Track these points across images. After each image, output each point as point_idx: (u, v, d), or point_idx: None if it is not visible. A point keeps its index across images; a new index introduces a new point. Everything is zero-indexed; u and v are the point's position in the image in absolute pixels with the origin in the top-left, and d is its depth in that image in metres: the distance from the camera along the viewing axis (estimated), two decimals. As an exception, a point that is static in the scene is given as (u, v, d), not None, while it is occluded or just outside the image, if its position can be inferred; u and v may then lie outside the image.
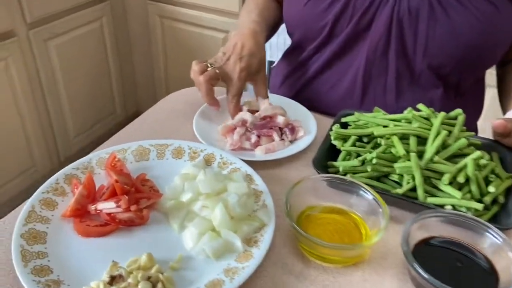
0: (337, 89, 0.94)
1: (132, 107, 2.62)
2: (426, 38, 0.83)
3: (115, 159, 0.72)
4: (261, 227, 0.63)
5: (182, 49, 2.25)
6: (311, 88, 0.98)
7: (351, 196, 0.65)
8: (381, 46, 0.86)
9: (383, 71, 0.88)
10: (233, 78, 0.84)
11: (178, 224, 0.63)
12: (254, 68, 0.86)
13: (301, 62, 1.00)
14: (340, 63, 0.92)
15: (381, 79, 0.89)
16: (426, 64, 0.85)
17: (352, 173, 0.71)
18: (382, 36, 0.85)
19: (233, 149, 0.80)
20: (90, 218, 0.64)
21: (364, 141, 0.76)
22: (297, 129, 0.84)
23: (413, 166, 0.66)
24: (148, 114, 0.91)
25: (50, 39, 1.97)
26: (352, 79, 0.91)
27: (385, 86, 0.90)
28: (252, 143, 0.81)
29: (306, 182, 0.65)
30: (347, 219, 0.65)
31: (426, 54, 0.84)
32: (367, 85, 0.90)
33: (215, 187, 0.67)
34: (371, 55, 0.87)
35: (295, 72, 1.01)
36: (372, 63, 0.88)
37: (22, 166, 2.03)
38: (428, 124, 0.71)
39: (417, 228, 0.59)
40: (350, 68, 0.91)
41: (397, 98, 0.90)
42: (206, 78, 0.81)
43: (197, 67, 0.83)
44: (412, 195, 0.68)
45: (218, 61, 0.85)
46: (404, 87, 0.89)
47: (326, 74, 0.95)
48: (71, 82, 2.14)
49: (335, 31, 0.89)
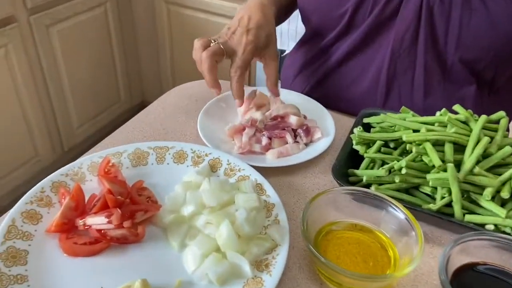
0: (357, 86, 0.85)
1: (137, 96, 2.54)
2: (459, 28, 0.73)
3: (109, 164, 0.64)
4: (273, 247, 0.55)
5: (189, 36, 2.16)
6: (328, 84, 0.89)
7: (378, 212, 0.56)
8: (409, 38, 0.76)
9: (410, 66, 0.79)
10: (238, 51, 0.75)
11: (178, 243, 0.55)
12: (262, 41, 0.76)
13: (316, 54, 0.90)
14: (361, 57, 0.83)
15: (408, 74, 0.80)
16: (458, 58, 0.76)
17: (378, 184, 0.62)
18: (410, 26, 0.75)
19: (242, 153, 0.72)
20: (78, 233, 0.56)
21: (390, 146, 0.67)
22: (313, 130, 0.75)
23: (449, 178, 0.57)
24: (149, 111, 0.82)
25: (52, 25, 1.89)
26: (375, 75, 0.82)
27: (412, 82, 0.80)
28: (262, 146, 0.72)
29: (326, 195, 0.56)
30: (373, 238, 0.56)
31: (459, 46, 0.75)
32: (392, 81, 0.81)
33: (220, 199, 0.58)
34: (397, 48, 0.78)
35: (310, 65, 0.92)
36: (398, 57, 0.78)
37: (25, 156, 1.97)
38: (466, 129, 0.62)
39: (457, 252, 0.51)
40: (372, 62, 0.82)
41: (425, 95, 0.80)
42: (209, 53, 0.72)
43: (199, 43, 0.74)
44: (447, 211, 0.59)
45: (222, 35, 0.77)
46: (433, 84, 0.80)
47: (345, 69, 0.86)
48: (74, 69, 2.06)
49: (356, 19, 0.80)
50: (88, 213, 0.57)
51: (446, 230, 0.60)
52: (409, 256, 0.52)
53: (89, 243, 0.55)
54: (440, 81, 0.79)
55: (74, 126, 2.18)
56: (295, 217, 0.62)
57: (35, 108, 1.93)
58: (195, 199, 0.60)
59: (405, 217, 0.53)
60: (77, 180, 0.62)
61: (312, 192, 0.66)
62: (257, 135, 0.73)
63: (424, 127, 0.62)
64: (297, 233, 0.60)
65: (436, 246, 0.59)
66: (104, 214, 0.55)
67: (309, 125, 0.75)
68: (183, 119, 0.80)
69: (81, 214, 0.57)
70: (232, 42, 0.76)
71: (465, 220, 0.57)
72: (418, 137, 0.61)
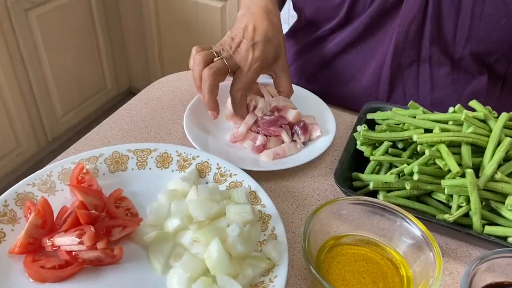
0: (357, 81, 0.77)
1: (124, 82, 2.45)
2: (471, 18, 0.65)
3: (83, 171, 0.57)
4: (270, 268, 0.48)
5: (176, 18, 2.06)
6: (324, 78, 0.81)
7: (389, 226, 0.50)
8: (414, 29, 0.68)
9: (415, 59, 0.71)
10: (243, 69, 0.65)
11: (162, 264, 0.49)
12: (270, 57, 0.67)
13: (311, 44, 0.82)
14: (361, 49, 0.75)
15: (413, 68, 0.72)
16: (468, 51, 0.68)
17: (386, 191, 0.55)
18: (416, 16, 0.67)
19: (233, 142, 0.65)
20: (47, 254, 0.49)
21: (398, 146, 0.60)
22: (311, 127, 0.68)
23: (468, 186, 0.50)
24: (130, 107, 0.74)
25: (30, 9, 1.78)
26: (377, 69, 0.74)
27: (417, 76, 0.73)
28: (255, 146, 0.65)
29: (330, 206, 0.50)
30: (382, 255, 0.50)
31: (470, 38, 0.67)
32: (396, 76, 0.74)
33: (209, 211, 0.52)
34: (401, 40, 0.70)
35: (303, 56, 0.84)
36: (402, 50, 0.71)
37: (5, 147, 1.88)
38: (485, 129, 0.55)
39: (483, 271, 0.45)
40: (374, 55, 0.74)
41: (432, 90, 0.73)
42: (212, 71, 0.61)
43: (200, 57, 0.63)
44: (464, 221, 0.52)
45: (226, 48, 0.65)
46: (441, 77, 0.72)
47: (343, 62, 0.78)
48: (56, 56, 1.95)
49: (356, 9, 0.72)
50: (58, 230, 0.50)
51: (462, 242, 0.54)
52: (424, 277, 0.45)
53: (59, 267, 0.48)
54: (449, 73, 0.72)
55: (58, 115, 2.08)
56: (294, 228, 0.56)
57: (16, 97, 1.83)
58: (181, 210, 0.53)
59: (421, 233, 0.47)
60: (45, 190, 0.55)
61: (312, 198, 0.60)
62: (253, 129, 0.66)
63: (437, 126, 0.56)
64: (296, 248, 0.53)
65: (452, 260, 0.52)
66: (75, 233, 0.48)
67: (306, 122, 0.68)
68: (168, 116, 0.72)
69: (49, 232, 0.50)
70: (237, 58, 0.65)
71: (485, 233, 0.51)
72: (432, 138, 0.54)
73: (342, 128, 0.71)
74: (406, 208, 0.53)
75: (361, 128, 0.61)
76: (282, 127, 0.66)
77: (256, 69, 0.65)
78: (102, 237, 0.48)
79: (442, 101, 0.73)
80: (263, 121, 0.67)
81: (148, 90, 0.78)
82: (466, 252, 0.53)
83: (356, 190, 0.58)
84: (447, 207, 0.55)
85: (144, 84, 0.78)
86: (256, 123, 0.67)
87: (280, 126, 0.66)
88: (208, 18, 1.95)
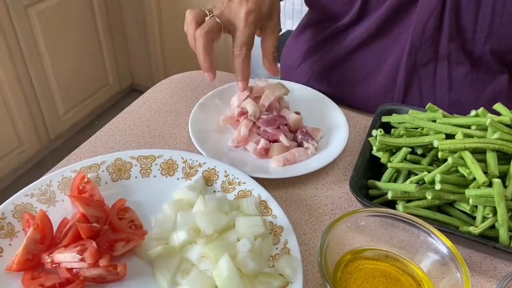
0: (371, 80, 0.74)
1: (126, 78, 2.42)
2: (492, 14, 0.62)
3: (84, 180, 0.54)
4: (284, 286, 0.45)
5: (178, 13, 2.02)
6: (336, 77, 0.77)
7: (411, 239, 0.46)
8: (431, 25, 0.65)
9: (433, 57, 0.68)
10: (238, 25, 0.62)
11: (168, 281, 0.46)
12: (264, 10, 0.63)
13: (323, 41, 0.78)
14: (378, 46, 0.71)
15: (430, 67, 0.69)
16: (489, 49, 0.65)
17: (405, 200, 0.52)
18: (433, 12, 0.64)
19: (236, 146, 0.63)
20: (46, 272, 0.46)
21: (417, 152, 0.57)
22: (313, 131, 0.65)
23: (495, 196, 0.47)
24: (133, 109, 0.71)
25: (30, 5, 1.75)
26: (393, 68, 0.71)
27: (434, 76, 0.69)
28: (257, 150, 0.62)
29: (348, 218, 0.47)
30: (403, 271, 0.47)
31: (490, 35, 0.63)
32: (412, 75, 0.70)
33: (218, 224, 0.49)
34: (418, 37, 0.66)
35: (315, 53, 0.80)
36: (419, 47, 0.67)
37: (7, 146, 1.86)
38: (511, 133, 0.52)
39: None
40: (390, 53, 0.71)
41: (450, 90, 0.70)
42: (204, 31, 0.60)
43: (191, 15, 0.62)
44: (489, 233, 0.49)
45: (218, 5, 0.64)
46: (459, 77, 0.69)
47: (357, 60, 0.74)
48: (57, 53, 1.93)
49: (371, 3, 0.68)
50: (58, 245, 0.47)
51: (487, 255, 0.51)
52: (450, 296, 0.42)
53: (59, 285, 0.45)
54: (468, 73, 0.69)
55: (59, 113, 2.06)
56: (307, 240, 0.53)
57: (17, 96, 1.80)
58: (187, 223, 0.50)
59: (447, 250, 0.43)
60: (45, 201, 0.52)
61: (326, 207, 0.57)
62: (254, 131, 0.63)
63: (460, 132, 0.52)
64: (310, 262, 0.50)
65: (476, 274, 0.49)
66: (75, 249, 0.45)
67: (307, 127, 0.65)
68: (172, 119, 0.69)
69: (49, 247, 0.47)
70: (231, 13, 0.63)
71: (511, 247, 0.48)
72: (455, 144, 0.51)
73: (355, 132, 0.68)
74: (428, 219, 0.50)
75: (377, 132, 0.58)
76: (280, 128, 0.63)
77: (253, 22, 0.62)
78: (104, 252, 0.45)
79: (461, 102, 0.69)
80: (261, 120, 0.63)
81: (151, 91, 0.75)
82: (491, 266, 0.50)
83: (372, 199, 0.55)
84: (471, 218, 0.51)
85: (146, 80, 0.75)
86: (255, 125, 0.64)
87: (278, 127, 0.63)
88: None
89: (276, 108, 0.67)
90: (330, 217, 0.55)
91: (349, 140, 0.65)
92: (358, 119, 0.71)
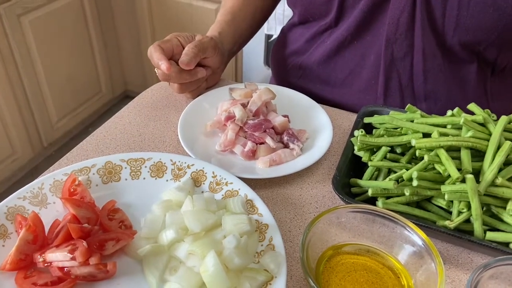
0: (358, 74, 0.77)
1: (119, 86, 2.43)
2: (458, 8, 0.65)
3: (75, 183, 0.55)
4: (268, 280, 0.47)
5: (171, 21, 2.05)
6: (324, 75, 0.80)
7: (390, 234, 0.49)
8: (404, 21, 0.68)
9: (409, 51, 0.71)
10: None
11: (157, 278, 0.47)
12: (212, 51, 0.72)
13: (308, 42, 0.81)
14: (359, 44, 0.74)
15: (406, 60, 0.72)
16: (457, 40, 0.68)
17: (385, 197, 0.54)
18: (405, 8, 0.67)
19: (223, 150, 0.64)
20: (39, 271, 0.48)
21: (396, 151, 0.59)
22: (299, 133, 0.67)
23: (469, 192, 0.49)
24: (123, 114, 0.73)
25: (23, 14, 1.77)
26: (376, 61, 0.74)
27: (411, 68, 0.72)
28: (244, 152, 0.64)
29: (328, 215, 0.49)
30: (383, 264, 0.49)
31: (457, 27, 0.67)
32: (391, 68, 0.73)
33: (205, 222, 0.50)
34: (392, 32, 0.70)
35: (302, 54, 0.83)
36: (394, 42, 0.71)
37: (0, 154, 1.86)
38: (485, 132, 0.54)
39: (487, 277, 0.44)
40: (372, 48, 0.74)
41: (425, 82, 0.73)
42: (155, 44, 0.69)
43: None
44: (465, 227, 0.51)
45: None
46: (434, 68, 0.72)
47: (343, 58, 0.77)
48: (50, 61, 1.94)
49: (346, 4, 0.72)
50: (50, 245, 0.49)
51: (464, 248, 0.53)
52: (426, 287, 0.44)
53: (51, 283, 0.46)
54: (440, 64, 0.72)
55: (53, 120, 2.07)
56: (292, 237, 0.54)
57: (10, 103, 1.81)
58: (176, 222, 0.51)
59: (422, 242, 0.46)
60: (37, 203, 0.54)
61: (310, 205, 0.59)
62: (241, 135, 0.65)
63: (436, 130, 0.54)
64: (295, 258, 0.52)
65: (454, 267, 0.51)
66: (66, 248, 0.46)
67: (293, 129, 0.67)
68: (162, 123, 0.71)
69: (41, 247, 0.49)
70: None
71: (486, 239, 0.50)
72: (431, 142, 0.53)
73: (340, 133, 0.70)
74: (406, 215, 0.52)
75: (358, 133, 0.60)
76: (266, 132, 0.65)
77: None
78: (95, 251, 0.47)
79: (435, 92, 0.73)
80: (247, 125, 0.65)
81: (142, 97, 0.77)
82: (468, 259, 0.52)
83: (355, 197, 0.57)
84: (448, 213, 0.54)
85: (140, 87, 0.78)
86: (242, 129, 0.66)
87: (264, 131, 0.65)
88: (203, 20, 1.94)
89: (263, 112, 0.69)
90: (314, 215, 0.57)
91: (333, 141, 0.67)
92: (343, 120, 0.73)
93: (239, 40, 0.83)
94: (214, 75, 0.78)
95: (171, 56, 0.69)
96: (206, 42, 0.71)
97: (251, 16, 0.85)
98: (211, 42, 0.71)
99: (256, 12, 0.86)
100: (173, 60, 0.69)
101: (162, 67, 0.66)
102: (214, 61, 0.73)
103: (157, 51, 0.67)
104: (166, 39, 0.71)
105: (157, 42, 0.69)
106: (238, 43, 0.83)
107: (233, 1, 0.84)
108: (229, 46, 0.79)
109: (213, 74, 0.77)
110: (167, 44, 0.69)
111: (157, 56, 0.66)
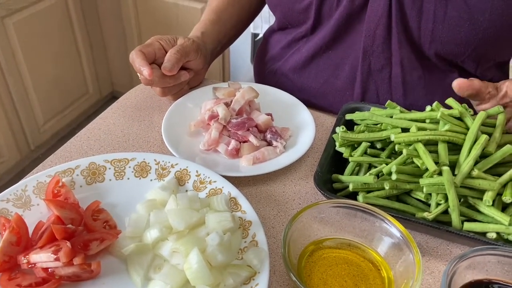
0: (332, 84, 0.77)
1: (106, 86, 2.42)
2: (433, 21, 0.65)
3: (59, 185, 0.55)
4: (252, 276, 0.48)
5: (157, 20, 2.04)
6: (300, 81, 0.81)
7: (370, 228, 0.50)
8: (380, 33, 0.68)
9: (387, 63, 0.71)
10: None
11: (141, 276, 0.48)
12: (194, 49, 0.73)
13: (285, 48, 0.82)
14: (334, 53, 0.75)
15: (384, 72, 0.72)
16: (433, 52, 0.68)
17: (365, 191, 0.55)
18: (380, 20, 0.67)
19: (207, 149, 0.65)
20: (23, 272, 0.48)
21: (377, 147, 0.60)
22: (282, 130, 0.68)
23: (445, 183, 0.51)
24: (107, 115, 0.73)
25: (6, 16, 1.75)
26: (351, 72, 0.74)
27: (389, 81, 0.73)
28: (228, 150, 0.64)
29: (310, 210, 0.49)
30: (363, 257, 0.50)
31: (433, 40, 0.67)
32: (368, 80, 0.73)
33: (189, 220, 0.51)
34: (369, 44, 0.70)
35: (280, 59, 0.83)
36: (371, 54, 0.71)
37: (-13, 158, 1.85)
38: (462, 126, 0.55)
39: (463, 269, 0.45)
40: (347, 59, 0.74)
41: (404, 95, 0.73)
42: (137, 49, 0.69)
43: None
44: (444, 218, 0.53)
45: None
46: (413, 80, 0.72)
47: (317, 66, 0.78)
48: (35, 63, 1.92)
49: (323, 13, 0.72)
50: (34, 246, 0.49)
51: (443, 240, 0.54)
52: (405, 278, 0.45)
53: (35, 284, 0.47)
54: (421, 77, 0.72)
55: (39, 123, 2.05)
56: (276, 233, 0.55)
57: (-5, 107, 1.80)
58: (160, 221, 0.52)
59: (400, 234, 0.47)
60: (20, 205, 0.54)
61: (293, 202, 0.60)
62: (225, 134, 0.66)
63: (414, 125, 0.56)
64: (278, 254, 0.53)
65: (433, 259, 0.53)
66: (50, 249, 0.47)
67: (276, 127, 0.68)
68: (146, 124, 0.71)
69: (25, 248, 0.49)
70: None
71: (464, 229, 0.51)
72: (409, 137, 0.54)
73: (322, 130, 0.71)
74: (386, 208, 0.53)
75: (340, 129, 0.61)
76: (249, 130, 0.66)
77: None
78: (79, 252, 0.48)
79: (416, 105, 0.73)
80: (231, 124, 0.66)
81: (125, 97, 0.77)
82: (447, 250, 0.54)
83: (337, 192, 0.58)
84: (427, 206, 0.55)
85: (126, 87, 0.78)
86: (225, 128, 0.67)
87: (247, 129, 0.66)
88: (189, 20, 1.94)
89: (246, 111, 0.69)
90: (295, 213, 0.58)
91: (316, 138, 0.68)
92: (325, 118, 0.74)
93: (223, 40, 0.83)
94: (197, 76, 0.78)
95: (154, 60, 0.70)
96: (188, 46, 0.71)
97: (236, 16, 0.85)
98: (193, 45, 0.72)
99: (242, 12, 0.86)
100: (156, 63, 0.69)
101: (144, 73, 0.66)
102: (197, 64, 0.74)
103: (138, 57, 0.67)
104: (148, 43, 0.71)
105: (138, 47, 0.69)
106: (222, 42, 0.83)
107: (219, 1, 0.84)
108: (212, 46, 0.79)
109: (196, 75, 0.77)
110: (148, 48, 0.69)
111: (139, 62, 0.66)
